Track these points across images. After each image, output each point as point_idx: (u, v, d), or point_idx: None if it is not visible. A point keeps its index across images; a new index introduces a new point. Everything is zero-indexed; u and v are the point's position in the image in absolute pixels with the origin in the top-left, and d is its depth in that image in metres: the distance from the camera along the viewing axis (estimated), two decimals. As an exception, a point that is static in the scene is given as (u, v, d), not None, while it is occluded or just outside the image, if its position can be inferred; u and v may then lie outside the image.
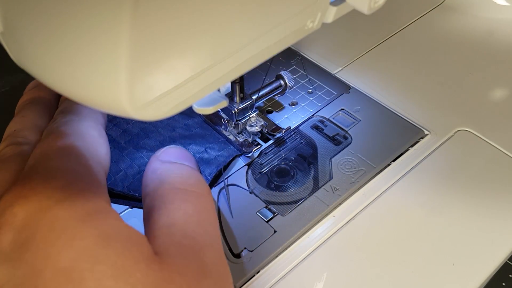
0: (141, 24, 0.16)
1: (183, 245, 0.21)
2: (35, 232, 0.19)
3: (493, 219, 0.31)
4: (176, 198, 0.23)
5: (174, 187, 0.23)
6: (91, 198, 0.21)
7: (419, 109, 0.38)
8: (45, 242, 0.19)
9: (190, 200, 0.23)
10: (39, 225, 0.19)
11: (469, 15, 0.47)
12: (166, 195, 0.23)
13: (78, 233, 0.19)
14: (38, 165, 0.22)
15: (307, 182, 0.33)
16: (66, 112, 0.25)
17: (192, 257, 0.21)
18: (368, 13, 0.22)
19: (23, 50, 0.19)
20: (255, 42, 0.20)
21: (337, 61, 0.42)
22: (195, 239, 0.21)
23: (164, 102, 0.18)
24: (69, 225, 0.19)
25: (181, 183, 0.24)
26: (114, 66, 0.16)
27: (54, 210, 0.20)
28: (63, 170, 0.22)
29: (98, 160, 0.23)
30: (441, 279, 0.28)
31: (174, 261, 0.20)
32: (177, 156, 0.26)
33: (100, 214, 0.20)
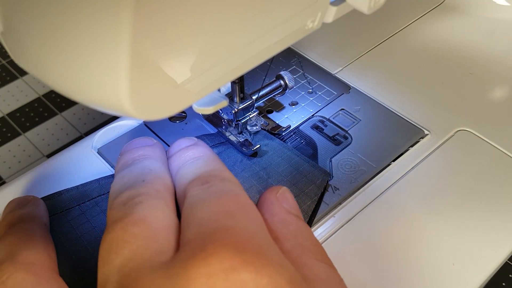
0: (141, 24, 0.16)
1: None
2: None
3: (493, 219, 0.31)
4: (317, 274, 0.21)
5: (315, 259, 0.22)
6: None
7: (419, 109, 0.38)
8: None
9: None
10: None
11: (469, 15, 0.47)
12: (310, 264, 0.22)
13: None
14: (228, 218, 0.20)
15: (307, 182, 0.33)
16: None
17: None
18: (368, 13, 0.22)
19: (23, 50, 0.19)
20: (255, 42, 0.20)
21: (337, 61, 0.42)
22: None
23: (165, 102, 0.18)
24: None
25: (317, 254, 0.23)
26: (114, 66, 0.16)
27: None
28: (259, 234, 0.20)
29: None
30: (441, 279, 0.28)
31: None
32: (294, 206, 0.25)
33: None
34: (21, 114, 0.49)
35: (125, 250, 0.20)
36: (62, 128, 0.47)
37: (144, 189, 0.22)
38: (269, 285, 0.18)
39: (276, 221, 0.23)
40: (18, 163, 0.44)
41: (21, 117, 0.48)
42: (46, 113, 0.49)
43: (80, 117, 0.48)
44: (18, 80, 0.52)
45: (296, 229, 0.23)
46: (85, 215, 0.29)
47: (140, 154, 0.25)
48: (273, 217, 0.23)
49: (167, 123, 0.37)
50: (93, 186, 0.31)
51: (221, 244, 0.18)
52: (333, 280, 0.21)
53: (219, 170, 0.24)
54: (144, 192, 0.22)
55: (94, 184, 0.31)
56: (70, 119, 0.48)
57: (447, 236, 0.30)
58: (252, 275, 0.18)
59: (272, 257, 0.19)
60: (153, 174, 0.24)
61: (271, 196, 0.24)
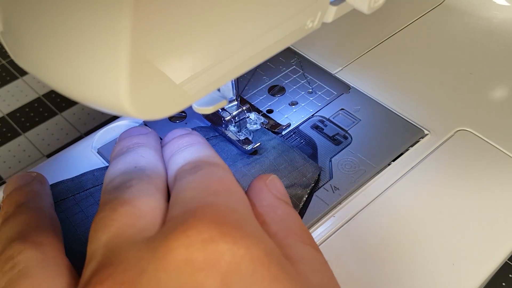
0: (141, 23, 0.16)
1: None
2: (253, 284, 0.18)
3: (493, 219, 0.31)
4: (306, 261, 0.22)
5: (301, 241, 0.22)
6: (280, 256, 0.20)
7: (419, 109, 0.38)
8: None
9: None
10: (256, 278, 0.18)
11: (469, 15, 0.47)
12: (295, 246, 0.22)
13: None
14: (212, 196, 0.21)
15: (307, 182, 0.33)
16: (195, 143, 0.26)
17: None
18: (368, 13, 0.22)
19: (23, 50, 0.19)
20: (255, 42, 0.20)
21: (337, 61, 0.42)
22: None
23: (165, 101, 0.18)
24: (293, 286, 0.18)
25: (303, 237, 0.23)
26: (114, 65, 0.16)
27: (270, 263, 0.18)
28: (241, 207, 0.21)
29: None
30: (441, 279, 0.28)
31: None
32: (283, 193, 0.25)
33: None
34: (21, 114, 0.49)
35: (112, 227, 0.20)
36: (62, 128, 0.47)
37: (136, 175, 0.23)
38: (246, 256, 0.18)
39: (264, 205, 0.24)
40: (18, 163, 0.44)
41: (21, 117, 0.48)
42: (46, 113, 0.49)
43: (80, 117, 0.48)
44: (18, 80, 0.52)
45: (284, 213, 0.23)
46: (79, 205, 0.30)
47: (134, 143, 0.26)
48: (261, 202, 0.24)
49: (167, 123, 0.37)
50: (88, 177, 0.31)
51: (201, 218, 0.19)
52: (317, 261, 0.22)
53: (209, 156, 0.25)
54: (135, 177, 0.23)
55: (89, 175, 0.31)
56: (70, 119, 0.48)
57: (447, 236, 0.30)
58: (229, 245, 0.18)
59: (251, 231, 0.19)
60: (145, 160, 0.25)
61: (260, 182, 0.25)
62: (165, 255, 0.18)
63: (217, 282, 0.17)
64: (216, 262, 0.18)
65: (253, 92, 0.39)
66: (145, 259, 0.18)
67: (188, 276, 0.17)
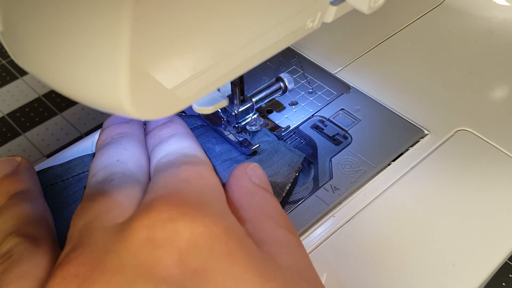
0: (141, 23, 0.16)
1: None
2: (210, 261, 0.18)
3: (493, 219, 0.31)
4: (277, 243, 0.22)
5: (276, 225, 0.23)
6: (242, 232, 0.21)
7: (419, 109, 0.38)
8: (231, 276, 0.18)
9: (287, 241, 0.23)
10: (213, 253, 0.18)
11: (469, 15, 0.47)
12: (270, 229, 0.23)
13: (265, 273, 0.19)
14: (181, 183, 0.21)
15: (307, 181, 0.33)
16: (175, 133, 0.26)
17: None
18: (368, 13, 0.22)
19: (23, 49, 0.19)
20: (255, 42, 0.20)
21: (337, 61, 0.42)
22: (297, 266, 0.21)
23: (164, 101, 0.18)
24: (253, 262, 0.19)
25: (279, 221, 0.23)
26: (114, 65, 0.16)
27: (228, 240, 0.19)
28: (209, 192, 0.22)
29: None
30: (441, 279, 0.28)
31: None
32: (264, 180, 0.26)
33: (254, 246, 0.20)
34: (21, 114, 0.49)
35: (88, 215, 0.21)
36: (62, 128, 0.47)
37: (118, 169, 0.24)
38: (204, 233, 0.19)
39: (243, 192, 0.24)
40: (18, 163, 0.44)
41: (21, 117, 0.48)
42: (46, 113, 0.49)
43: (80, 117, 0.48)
44: (18, 80, 0.52)
45: (261, 199, 0.24)
46: (67, 190, 0.30)
47: (118, 132, 0.27)
48: (240, 189, 0.25)
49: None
50: (76, 162, 0.32)
51: (164, 201, 0.20)
52: (291, 243, 0.22)
53: (187, 147, 0.26)
54: (117, 171, 0.24)
55: (77, 160, 0.32)
56: (70, 119, 0.48)
57: (447, 236, 0.30)
58: (187, 224, 0.19)
59: (213, 211, 0.20)
60: (127, 153, 0.25)
61: (240, 170, 0.26)
62: (128, 235, 0.19)
63: (174, 257, 0.18)
64: (174, 239, 0.18)
65: (253, 92, 0.39)
66: (111, 241, 0.19)
67: (147, 253, 0.18)
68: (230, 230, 0.20)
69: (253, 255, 0.19)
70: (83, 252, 0.19)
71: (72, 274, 0.18)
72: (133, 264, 0.18)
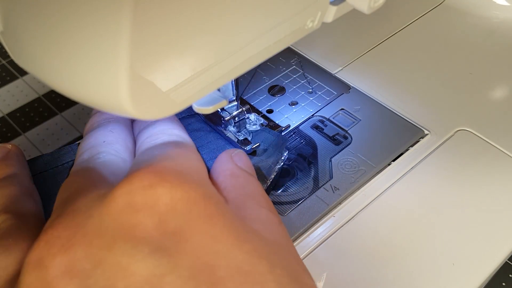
0: (141, 23, 0.16)
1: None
2: (189, 223, 0.19)
3: (493, 219, 0.31)
4: (259, 215, 0.23)
5: (258, 204, 0.24)
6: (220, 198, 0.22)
7: (419, 109, 0.38)
8: (208, 237, 0.19)
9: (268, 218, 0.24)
10: (191, 216, 0.19)
11: (469, 15, 0.47)
12: (252, 208, 0.23)
13: (242, 235, 0.20)
14: (164, 157, 0.22)
15: (307, 181, 0.33)
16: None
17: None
18: (368, 12, 0.22)
19: (23, 49, 0.19)
20: (255, 42, 0.20)
21: (337, 61, 0.42)
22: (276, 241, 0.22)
23: (165, 101, 0.18)
24: (230, 225, 0.20)
25: (261, 201, 0.24)
26: (114, 65, 0.16)
27: (206, 204, 0.20)
28: (191, 167, 0.22)
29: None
30: (441, 279, 0.28)
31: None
32: (249, 166, 0.27)
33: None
34: (21, 114, 0.49)
35: (72, 188, 0.22)
36: (62, 128, 0.47)
37: (104, 149, 0.25)
38: (183, 198, 0.19)
39: (227, 174, 0.25)
40: (18, 163, 0.44)
41: (21, 117, 0.48)
42: (46, 113, 0.49)
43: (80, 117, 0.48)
44: (18, 80, 0.52)
45: (245, 181, 0.25)
46: (56, 178, 0.31)
47: (105, 118, 0.28)
48: (224, 171, 0.26)
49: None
50: (66, 151, 0.32)
51: (145, 170, 0.20)
52: (272, 221, 0.23)
53: (171, 128, 0.27)
54: (103, 150, 0.25)
55: (67, 149, 0.32)
56: (70, 119, 0.48)
57: (447, 236, 0.30)
58: (166, 189, 0.19)
59: (192, 179, 0.21)
60: (113, 135, 0.26)
61: (226, 154, 0.27)
62: (110, 201, 0.19)
63: (154, 220, 0.19)
64: (154, 204, 0.19)
65: (253, 92, 0.39)
66: (93, 208, 0.20)
67: (127, 216, 0.19)
68: (209, 196, 0.21)
69: (230, 219, 0.20)
70: (66, 218, 0.20)
71: (55, 236, 0.19)
72: (113, 227, 0.19)
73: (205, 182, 0.22)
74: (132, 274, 0.17)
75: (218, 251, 0.19)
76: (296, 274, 0.20)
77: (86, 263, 0.18)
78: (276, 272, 0.19)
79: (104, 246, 0.18)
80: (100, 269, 0.18)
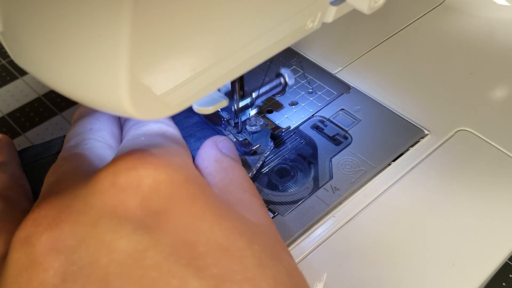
0: (141, 23, 0.16)
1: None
2: (171, 202, 0.20)
3: (493, 219, 0.31)
4: (244, 200, 0.24)
5: (242, 189, 0.25)
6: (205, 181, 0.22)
7: (419, 109, 0.38)
8: (190, 216, 0.20)
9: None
10: (174, 196, 0.20)
11: (469, 15, 0.47)
12: (235, 192, 0.24)
13: (222, 214, 0.20)
14: (149, 142, 0.23)
15: (307, 182, 0.33)
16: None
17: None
18: (368, 13, 0.22)
19: (23, 50, 0.19)
20: (255, 42, 0.20)
21: (337, 61, 0.42)
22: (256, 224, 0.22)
23: (165, 102, 0.18)
24: (211, 204, 0.20)
25: (244, 186, 0.25)
26: (114, 66, 0.16)
27: (188, 186, 0.21)
28: (175, 151, 0.23)
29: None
30: (441, 279, 0.28)
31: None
32: (233, 152, 0.28)
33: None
34: (21, 114, 0.49)
35: (59, 172, 0.23)
36: (62, 128, 0.47)
37: (90, 135, 0.26)
38: (166, 180, 0.20)
39: (211, 160, 0.26)
40: (18, 163, 0.44)
41: (21, 117, 0.48)
42: (46, 113, 0.49)
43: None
44: (18, 80, 0.52)
45: (228, 166, 0.26)
46: (46, 168, 0.32)
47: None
48: (209, 157, 0.26)
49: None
50: (56, 141, 0.32)
51: (129, 153, 0.21)
52: (255, 204, 0.24)
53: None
54: (90, 137, 0.26)
55: (57, 140, 0.33)
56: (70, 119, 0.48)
57: (447, 236, 0.30)
58: (150, 171, 0.20)
59: (176, 162, 0.21)
60: (100, 123, 0.27)
61: (211, 141, 0.28)
62: (95, 183, 0.20)
63: (137, 200, 0.19)
64: (138, 185, 0.20)
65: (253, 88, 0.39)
66: (78, 189, 0.21)
67: (112, 196, 0.20)
68: (191, 178, 0.21)
69: (211, 199, 0.21)
70: (53, 199, 0.21)
71: (42, 216, 0.20)
72: (98, 206, 0.19)
73: (189, 166, 0.23)
74: (116, 250, 0.18)
75: (199, 228, 0.19)
76: (275, 251, 0.21)
77: (71, 240, 0.19)
78: (254, 248, 0.19)
79: (89, 223, 0.19)
80: (84, 245, 0.19)
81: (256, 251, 0.19)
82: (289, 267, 0.20)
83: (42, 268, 0.18)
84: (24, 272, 0.18)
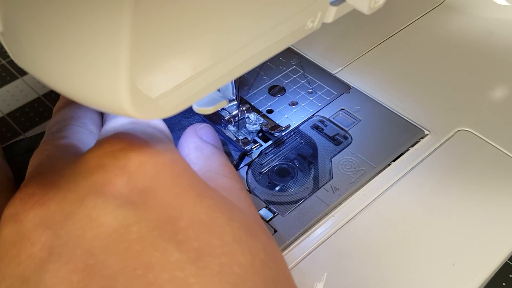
0: (141, 23, 0.16)
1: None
2: (156, 182, 0.21)
3: (493, 219, 0.31)
4: (222, 185, 0.25)
5: (221, 174, 0.26)
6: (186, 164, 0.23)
7: (419, 109, 0.38)
8: (173, 194, 0.20)
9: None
10: (159, 176, 0.21)
11: (469, 15, 0.47)
12: (214, 178, 0.25)
13: (204, 192, 0.21)
14: (133, 125, 0.23)
15: (307, 182, 0.33)
16: None
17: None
18: (368, 13, 0.22)
19: (23, 50, 0.19)
20: (255, 42, 0.20)
21: (337, 61, 0.42)
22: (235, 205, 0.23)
23: (165, 102, 0.18)
24: (194, 184, 0.21)
25: (224, 171, 0.26)
26: (114, 66, 0.16)
27: (173, 167, 0.21)
28: (158, 134, 0.24)
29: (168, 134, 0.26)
30: (441, 279, 0.28)
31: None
32: (214, 139, 0.29)
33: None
34: (21, 114, 0.49)
35: (43, 155, 0.23)
36: (62, 128, 0.47)
37: (72, 122, 0.26)
38: (151, 162, 0.21)
39: (192, 147, 0.27)
40: (18, 163, 0.44)
41: (21, 117, 0.48)
42: (46, 113, 0.49)
43: (80, 117, 0.48)
44: (18, 80, 0.52)
45: (209, 153, 0.27)
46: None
47: None
48: (189, 145, 0.27)
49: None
50: (43, 135, 0.33)
51: (115, 136, 0.22)
52: (234, 188, 0.25)
53: None
54: (70, 124, 0.26)
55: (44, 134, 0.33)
56: (70, 119, 0.48)
57: (447, 236, 0.30)
58: (136, 153, 0.21)
59: (160, 145, 0.22)
60: (81, 111, 0.28)
61: (191, 129, 0.29)
62: (82, 164, 0.21)
63: (124, 179, 0.20)
64: (124, 165, 0.20)
65: (253, 92, 0.39)
66: (64, 169, 0.21)
67: (99, 176, 0.20)
68: (175, 160, 0.22)
69: (194, 179, 0.22)
70: (40, 178, 0.21)
71: (30, 194, 0.20)
72: (85, 184, 0.20)
73: (172, 149, 0.24)
74: (101, 225, 0.19)
75: (181, 205, 0.20)
76: (253, 230, 0.21)
77: (58, 216, 0.19)
78: (233, 225, 0.20)
79: (76, 200, 0.20)
80: (71, 221, 0.19)
81: (235, 228, 0.20)
82: (266, 245, 0.21)
83: (30, 242, 0.19)
84: (13, 247, 0.19)
